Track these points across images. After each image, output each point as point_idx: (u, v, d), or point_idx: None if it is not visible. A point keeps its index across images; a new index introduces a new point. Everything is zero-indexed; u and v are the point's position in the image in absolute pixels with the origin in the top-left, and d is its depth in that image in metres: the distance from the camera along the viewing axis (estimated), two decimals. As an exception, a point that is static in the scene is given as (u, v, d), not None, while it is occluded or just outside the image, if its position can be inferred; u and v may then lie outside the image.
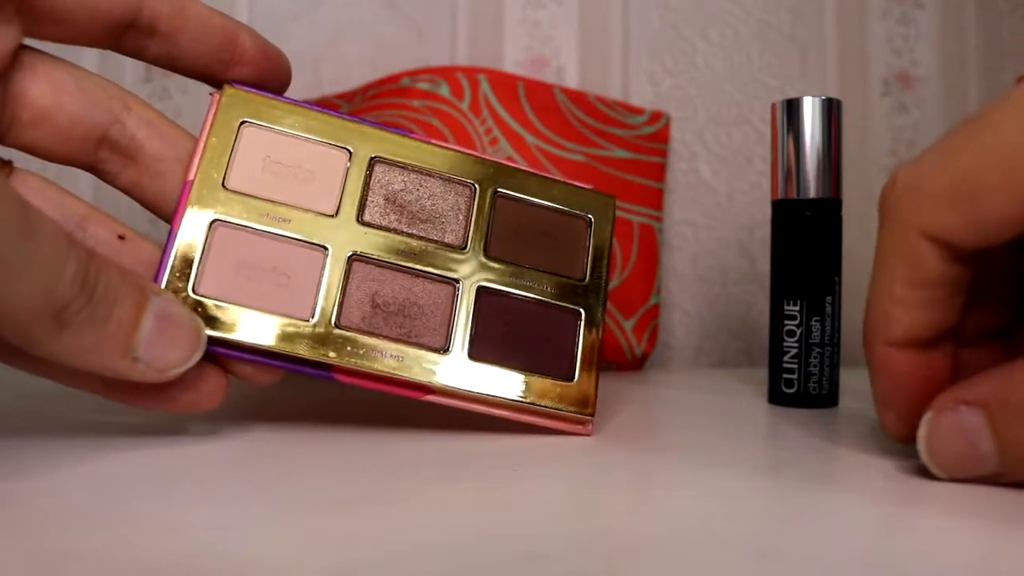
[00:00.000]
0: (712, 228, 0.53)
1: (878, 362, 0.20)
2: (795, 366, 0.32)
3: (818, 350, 0.32)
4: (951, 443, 0.18)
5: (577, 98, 0.48)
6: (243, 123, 0.23)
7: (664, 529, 0.16)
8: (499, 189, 0.25)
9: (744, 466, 0.21)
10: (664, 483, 0.19)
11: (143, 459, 0.20)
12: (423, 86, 0.44)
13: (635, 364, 0.47)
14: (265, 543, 0.14)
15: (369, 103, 0.45)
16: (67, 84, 0.21)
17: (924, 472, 0.20)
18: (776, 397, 0.33)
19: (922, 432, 0.19)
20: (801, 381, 0.32)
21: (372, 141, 0.24)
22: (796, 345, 0.32)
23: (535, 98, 0.46)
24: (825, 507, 0.17)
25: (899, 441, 0.21)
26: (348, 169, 0.24)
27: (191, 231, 0.22)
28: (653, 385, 0.39)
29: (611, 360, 0.46)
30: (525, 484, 0.19)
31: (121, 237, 0.22)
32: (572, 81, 0.53)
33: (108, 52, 0.22)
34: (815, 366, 0.32)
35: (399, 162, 0.24)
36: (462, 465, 0.21)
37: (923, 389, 0.20)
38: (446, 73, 0.44)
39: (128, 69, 0.54)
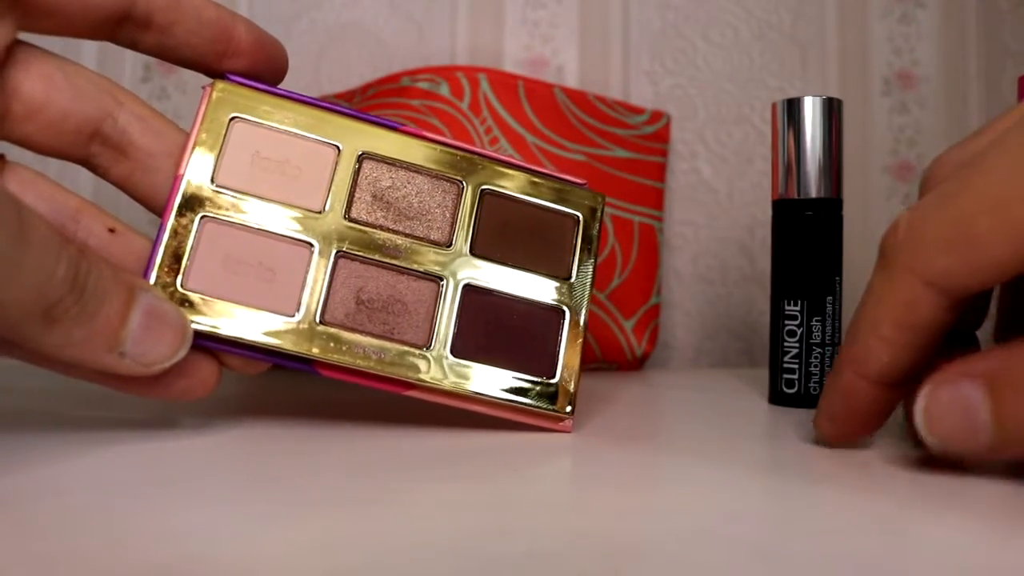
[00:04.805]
0: (712, 228, 0.53)
1: (843, 386, 0.21)
2: (796, 366, 0.32)
3: (819, 350, 0.31)
4: (950, 415, 0.18)
5: (577, 98, 0.47)
6: (233, 118, 0.23)
7: (664, 529, 0.15)
8: (486, 186, 0.25)
9: (745, 466, 0.21)
10: (664, 483, 0.19)
11: (139, 457, 0.20)
12: (423, 86, 0.44)
13: (635, 364, 0.47)
14: (263, 543, 0.14)
15: (369, 102, 0.45)
16: (59, 79, 0.21)
17: (925, 472, 0.20)
18: (777, 397, 0.32)
19: (920, 404, 0.19)
20: (802, 381, 0.32)
21: (361, 136, 0.24)
22: (797, 345, 0.32)
23: (535, 98, 0.46)
24: (826, 508, 0.17)
25: (824, 442, 0.23)
26: (336, 165, 0.24)
27: (180, 226, 0.22)
28: (653, 385, 0.39)
29: (611, 360, 0.46)
30: (523, 482, 0.19)
31: (112, 230, 0.22)
32: (572, 81, 0.53)
33: (108, 50, 0.22)
34: (816, 366, 0.31)
35: (387, 158, 0.24)
36: (457, 463, 0.20)
37: (873, 414, 0.21)
38: (446, 73, 0.44)
39: (127, 68, 0.54)
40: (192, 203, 0.22)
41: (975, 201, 0.18)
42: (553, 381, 0.24)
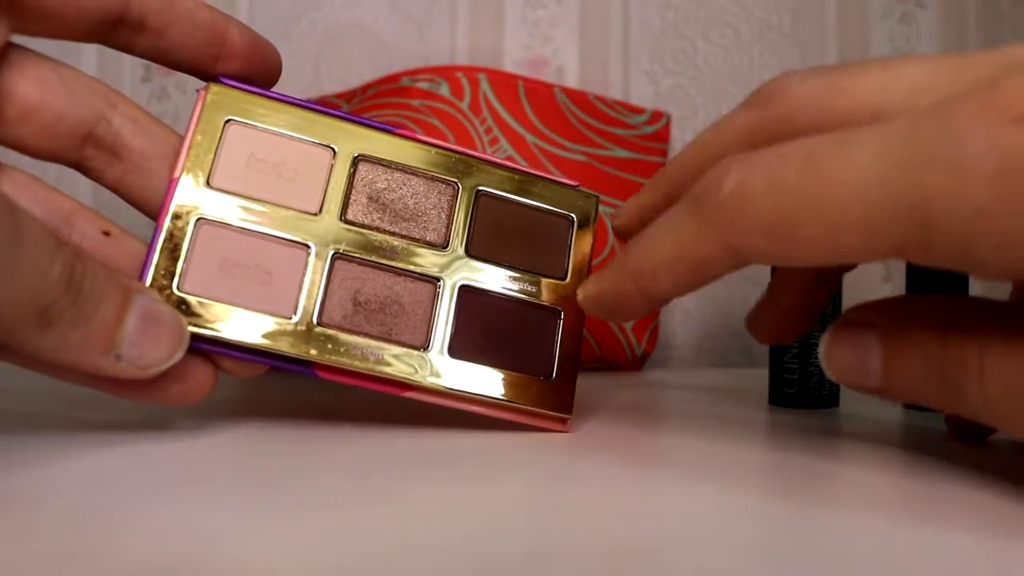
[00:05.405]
0: (713, 228, 0.53)
1: (621, 292, 0.22)
2: (796, 366, 0.32)
3: (819, 350, 0.31)
4: (847, 355, 0.19)
5: (577, 98, 0.47)
6: (228, 121, 0.23)
7: (664, 529, 0.15)
8: (481, 188, 0.25)
9: (745, 467, 0.21)
10: (664, 484, 0.19)
11: (138, 458, 0.20)
12: (423, 86, 0.44)
13: (635, 364, 0.47)
14: (262, 544, 0.14)
15: (369, 103, 0.45)
16: (53, 82, 0.21)
17: (925, 475, 0.20)
18: (777, 397, 0.32)
19: (825, 339, 0.20)
20: (802, 381, 0.32)
21: (356, 139, 0.24)
22: (797, 345, 0.32)
23: (535, 98, 0.46)
24: (826, 509, 0.17)
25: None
26: (332, 168, 0.24)
27: (176, 229, 0.22)
28: (653, 385, 0.39)
29: (611, 360, 0.46)
30: (522, 483, 0.19)
31: (106, 233, 0.22)
32: (572, 81, 0.53)
33: (107, 51, 0.22)
34: (815, 366, 0.31)
35: (383, 160, 0.25)
36: (455, 464, 0.20)
37: (638, 314, 0.22)
38: (446, 73, 0.44)
39: (127, 69, 0.54)
40: (187, 206, 0.22)
41: (811, 206, 0.17)
42: (550, 381, 0.24)
